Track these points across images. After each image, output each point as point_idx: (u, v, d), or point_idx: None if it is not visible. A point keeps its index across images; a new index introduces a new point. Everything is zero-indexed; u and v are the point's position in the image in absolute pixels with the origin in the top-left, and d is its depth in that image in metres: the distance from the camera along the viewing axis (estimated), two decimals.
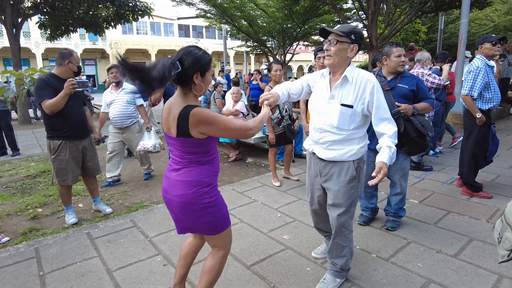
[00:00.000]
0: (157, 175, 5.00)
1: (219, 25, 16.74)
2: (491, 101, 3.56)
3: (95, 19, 10.96)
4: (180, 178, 1.72)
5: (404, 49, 2.92)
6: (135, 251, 2.82)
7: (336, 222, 2.14)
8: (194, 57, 1.62)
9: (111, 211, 3.73)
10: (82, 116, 3.40)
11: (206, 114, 1.62)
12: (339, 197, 2.10)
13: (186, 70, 1.59)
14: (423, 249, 2.71)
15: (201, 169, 1.72)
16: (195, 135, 1.64)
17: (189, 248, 2.05)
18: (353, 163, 2.06)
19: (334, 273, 2.26)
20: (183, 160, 1.72)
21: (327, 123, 2.03)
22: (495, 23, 17.71)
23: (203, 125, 1.62)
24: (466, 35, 7.43)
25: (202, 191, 1.71)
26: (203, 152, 1.71)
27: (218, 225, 1.79)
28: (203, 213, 1.72)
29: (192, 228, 1.83)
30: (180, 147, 1.70)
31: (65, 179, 3.32)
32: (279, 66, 4.21)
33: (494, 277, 2.31)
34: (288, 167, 4.64)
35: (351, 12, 14.55)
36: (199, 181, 1.70)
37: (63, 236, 3.12)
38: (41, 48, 27.75)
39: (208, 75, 1.70)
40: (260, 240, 2.93)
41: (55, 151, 3.24)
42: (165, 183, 1.81)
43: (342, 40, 1.92)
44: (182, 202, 1.71)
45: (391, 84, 2.95)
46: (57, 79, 3.18)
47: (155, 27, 34.37)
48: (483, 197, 3.70)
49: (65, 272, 2.53)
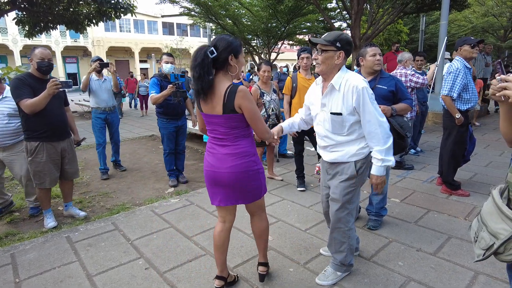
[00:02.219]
0: (139, 175, 4.93)
1: (204, 23, 16.60)
2: (469, 102, 3.65)
3: (76, 16, 10.67)
4: (229, 152, 1.95)
5: (379, 48, 2.95)
6: (116, 255, 2.76)
7: (333, 217, 2.25)
8: (227, 41, 1.87)
9: (85, 215, 3.59)
10: (62, 117, 3.30)
11: (249, 94, 1.89)
12: (336, 192, 2.20)
13: (221, 53, 1.84)
14: (403, 248, 2.76)
15: (246, 141, 1.98)
16: (238, 110, 1.87)
17: (223, 235, 2.17)
18: (354, 163, 2.14)
19: (335, 266, 2.34)
20: (229, 137, 1.94)
21: (325, 129, 2.17)
22: (473, 24, 18.22)
23: (246, 101, 1.85)
24: (445, 35, 7.61)
25: (251, 160, 1.98)
26: (244, 126, 1.96)
27: (263, 188, 2.10)
28: (255, 178, 2.00)
29: (238, 197, 2.04)
30: (225, 124, 1.92)
31: (42, 182, 3.22)
32: (268, 67, 4.27)
33: (471, 273, 2.38)
34: (271, 167, 4.66)
35: (335, 12, 14.69)
36: (247, 152, 1.97)
37: (41, 240, 3.03)
38: (19, 45, 26.91)
39: (241, 57, 1.93)
40: (244, 241, 2.92)
41: (32, 153, 3.14)
42: (211, 159, 2.01)
43: (327, 49, 2.01)
44: (235, 173, 1.94)
45: (370, 85, 2.97)
46: (33, 78, 3.09)
47: (139, 25, 33.81)
48: (461, 195, 3.80)
49: (43, 279, 2.46)
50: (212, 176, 2.02)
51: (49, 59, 3.15)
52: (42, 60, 3.08)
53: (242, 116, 1.91)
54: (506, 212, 1.24)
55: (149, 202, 3.95)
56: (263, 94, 4.28)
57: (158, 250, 2.82)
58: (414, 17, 13.37)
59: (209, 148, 2.04)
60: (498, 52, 19.10)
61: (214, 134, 2.00)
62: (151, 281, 2.40)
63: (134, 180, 4.83)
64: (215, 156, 1.99)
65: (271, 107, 4.32)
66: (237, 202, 2.08)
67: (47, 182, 3.24)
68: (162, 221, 3.37)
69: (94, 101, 4.92)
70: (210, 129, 2.02)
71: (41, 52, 3.10)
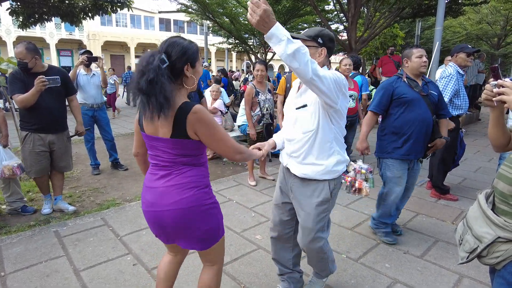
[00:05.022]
0: (130, 171, 4.90)
1: (201, 21, 16.56)
2: (460, 108, 3.71)
3: (72, 8, 10.55)
4: (172, 183, 1.50)
5: (424, 50, 2.80)
6: (104, 250, 2.75)
7: (307, 248, 1.98)
8: (181, 47, 1.46)
9: (74, 209, 3.56)
10: (57, 112, 3.33)
11: (208, 115, 1.46)
12: (308, 220, 1.89)
13: (174, 62, 1.44)
14: (391, 250, 2.79)
15: (196, 170, 1.55)
16: (191, 136, 1.46)
17: (169, 268, 1.81)
18: (328, 184, 1.86)
19: (320, 275, 2.18)
20: (175, 165, 1.51)
21: (295, 130, 1.88)
22: (468, 31, 18.47)
23: (202, 125, 1.44)
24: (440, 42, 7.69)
25: (203, 191, 1.54)
26: (197, 154, 1.54)
27: (217, 232, 1.61)
28: (205, 217, 1.53)
29: (183, 243, 1.59)
30: (172, 150, 1.49)
31: (29, 171, 3.32)
32: (262, 66, 4.26)
33: (455, 276, 2.42)
34: (263, 167, 4.67)
35: (332, 14, 14.75)
36: (197, 182, 1.53)
37: (28, 234, 3.00)
38: (12, 36, 26.50)
39: (199, 66, 1.55)
40: (233, 240, 2.93)
41: (22, 141, 3.29)
42: (149, 195, 1.56)
43: (308, 44, 1.74)
44: (180, 210, 1.48)
45: (426, 90, 2.75)
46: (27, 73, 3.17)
47: (135, 20, 33.53)
48: (450, 199, 3.85)
49: (29, 273, 2.43)
50: (152, 218, 1.57)
51: (20, 58, 3.09)
52: (19, 60, 3.12)
53: (198, 143, 1.50)
54: (490, 216, 1.27)
55: (140, 198, 3.91)
56: (258, 93, 4.29)
57: (147, 246, 2.81)
58: (410, 22, 13.48)
59: (147, 180, 1.60)
60: (491, 60, 19.39)
61: (156, 160, 1.55)
62: (139, 277, 2.39)
63: (125, 176, 4.80)
64: (155, 191, 1.54)
65: (265, 106, 4.33)
66: (185, 248, 1.63)
67: (32, 171, 3.32)
68: None
69: (81, 96, 4.62)
70: (152, 154, 1.57)
71: (15, 51, 3.12)
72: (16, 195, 3.49)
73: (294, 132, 1.88)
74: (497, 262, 1.25)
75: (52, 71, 3.28)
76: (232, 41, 18.31)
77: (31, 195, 3.99)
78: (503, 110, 1.37)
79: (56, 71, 3.32)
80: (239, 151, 1.57)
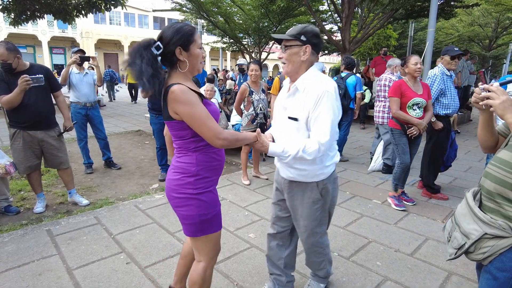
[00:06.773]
0: (123, 170, 4.88)
1: (195, 20, 16.50)
2: (448, 107, 3.76)
3: (65, 6, 10.45)
4: (173, 163, 1.64)
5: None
6: (97, 249, 2.74)
7: (305, 244, 2.03)
8: (173, 30, 1.47)
9: (88, 203, 3.68)
10: (45, 109, 3.32)
11: (186, 94, 1.44)
12: (301, 225, 1.94)
13: (166, 47, 1.46)
14: (382, 248, 2.83)
15: (190, 156, 1.57)
16: (173, 116, 1.49)
17: (188, 246, 1.91)
18: (316, 184, 1.85)
19: (318, 279, 2.21)
20: (176, 146, 1.63)
21: (283, 135, 1.84)
22: (460, 33, 18.67)
23: (179, 104, 1.44)
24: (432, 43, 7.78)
25: (186, 181, 1.56)
26: (191, 136, 1.54)
27: (200, 225, 1.60)
28: (183, 204, 1.58)
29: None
30: (171, 131, 1.60)
31: (18, 168, 3.33)
32: (256, 66, 4.29)
33: (444, 274, 2.46)
34: (257, 165, 4.69)
35: (326, 15, 14.81)
36: (185, 169, 1.57)
37: (20, 233, 2.98)
38: (3, 33, 26.15)
39: (194, 48, 1.52)
40: (226, 238, 2.94)
41: (11, 138, 3.30)
42: None
43: (291, 44, 1.73)
44: (168, 188, 1.63)
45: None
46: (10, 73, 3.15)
47: (129, 18, 33.34)
48: (441, 198, 3.91)
49: (21, 272, 2.42)
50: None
51: (3, 60, 3.04)
52: (2, 61, 3.06)
53: (182, 124, 1.50)
54: (477, 213, 1.30)
55: (133, 197, 3.92)
56: (252, 93, 4.30)
57: (140, 245, 2.81)
58: (404, 23, 13.58)
59: None
60: (482, 61, 19.64)
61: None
62: (132, 276, 2.39)
63: (118, 175, 4.78)
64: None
65: (259, 106, 4.35)
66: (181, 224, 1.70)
67: (21, 169, 3.33)
68: (145, 216, 3.36)
69: (74, 95, 4.66)
70: None
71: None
72: (1, 195, 3.45)
73: (282, 137, 1.85)
74: (484, 258, 1.29)
75: (34, 68, 3.27)
76: (227, 40, 18.29)
77: (23, 194, 3.96)
78: (492, 113, 1.40)
79: (38, 69, 3.30)
80: (220, 136, 1.48)
